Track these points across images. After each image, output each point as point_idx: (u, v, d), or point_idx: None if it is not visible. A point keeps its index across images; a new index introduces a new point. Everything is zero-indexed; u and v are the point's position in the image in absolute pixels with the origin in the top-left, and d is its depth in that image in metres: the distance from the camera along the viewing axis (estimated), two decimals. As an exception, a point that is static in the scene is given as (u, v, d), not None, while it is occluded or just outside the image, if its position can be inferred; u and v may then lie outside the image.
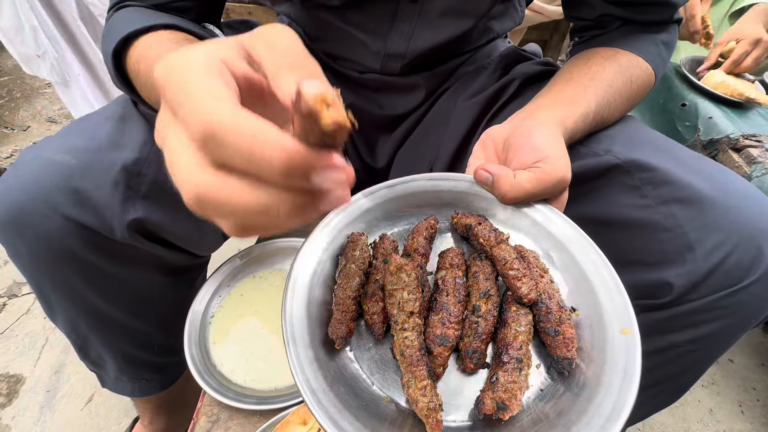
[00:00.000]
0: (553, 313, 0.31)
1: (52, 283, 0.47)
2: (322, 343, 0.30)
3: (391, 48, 0.56)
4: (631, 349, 0.28)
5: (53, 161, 0.40)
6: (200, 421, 0.47)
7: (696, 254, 0.39)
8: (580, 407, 0.27)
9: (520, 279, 0.32)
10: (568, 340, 0.30)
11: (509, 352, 0.29)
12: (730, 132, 0.86)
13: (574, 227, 0.36)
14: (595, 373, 0.29)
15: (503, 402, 0.27)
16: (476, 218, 0.36)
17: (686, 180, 0.40)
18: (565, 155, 0.37)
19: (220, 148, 0.17)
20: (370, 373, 0.31)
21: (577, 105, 0.43)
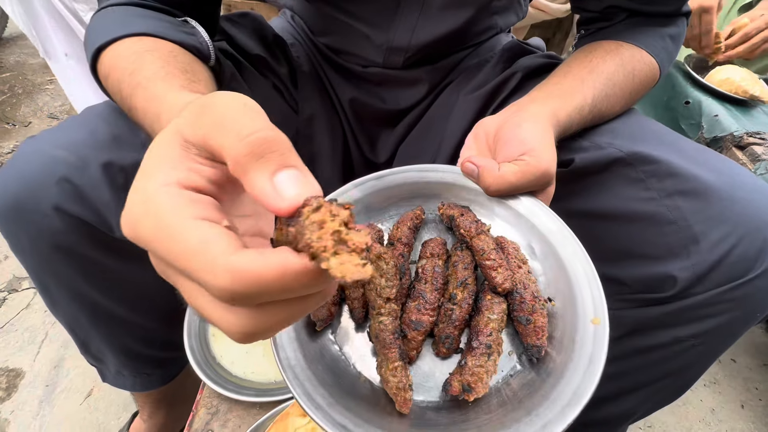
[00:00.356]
0: (526, 303, 0.32)
1: (54, 277, 0.47)
2: (304, 325, 0.32)
3: (394, 41, 0.56)
4: (599, 338, 0.29)
5: (52, 156, 0.40)
6: (199, 413, 0.47)
7: (701, 247, 0.38)
8: (544, 392, 0.29)
9: (496, 269, 0.33)
10: (539, 329, 0.31)
11: (479, 338, 0.31)
12: (734, 129, 0.85)
13: (556, 220, 0.36)
14: (563, 361, 0.30)
15: (469, 384, 0.29)
16: (459, 209, 0.37)
17: (691, 172, 0.40)
18: (550, 149, 0.37)
19: (250, 299, 0.16)
20: (349, 355, 0.33)
21: (571, 97, 0.43)
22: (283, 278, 0.16)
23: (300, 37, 0.65)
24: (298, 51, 0.63)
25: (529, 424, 0.27)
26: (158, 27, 0.40)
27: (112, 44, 0.38)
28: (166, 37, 0.39)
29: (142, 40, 0.38)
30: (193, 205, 0.17)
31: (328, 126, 0.64)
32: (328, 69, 0.64)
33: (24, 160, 0.41)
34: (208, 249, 0.16)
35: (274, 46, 0.60)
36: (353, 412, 0.27)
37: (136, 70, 0.34)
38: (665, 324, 0.43)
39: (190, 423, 0.47)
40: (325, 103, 0.64)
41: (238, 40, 0.57)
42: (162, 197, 0.17)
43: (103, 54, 0.38)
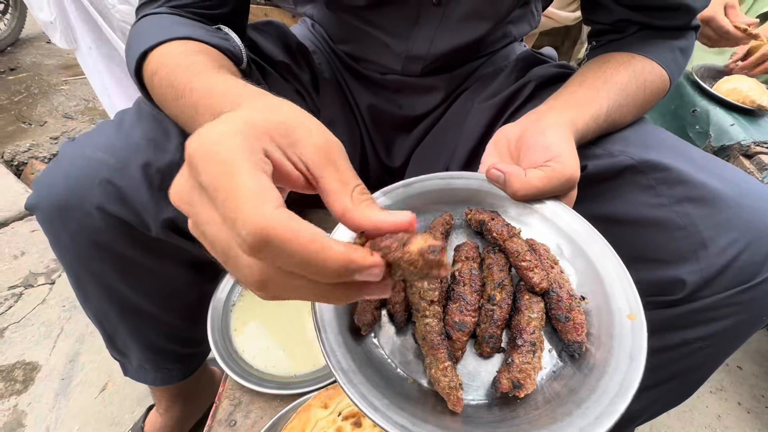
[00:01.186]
0: (563, 301, 0.33)
1: (90, 273, 0.49)
2: (349, 330, 0.32)
3: (413, 50, 0.58)
4: (638, 333, 0.30)
5: (93, 159, 0.42)
6: (222, 404, 0.49)
7: (709, 252, 0.40)
8: (589, 386, 0.29)
9: (532, 269, 0.34)
10: (578, 325, 0.32)
11: (523, 336, 0.31)
12: (742, 139, 0.87)
13: (582, 221, 0.38)
14: (603, 356, 0.31)
15: (518, 381, 0.29)
16: (489, 214, 0.38)
17: (700, 180, 0.41)
18: (574, 155, 0.39)
19: (275, 255, 0.18)
20: (394, 357, 0.33)
21: (588, 107, 0.44)
22: (309, 246, 0.18)
23: (321, 44, 0.67)
24: (320, 58, 0.65)
25: (581, 416, 0.27)
26: (199, 32, 0.42)
27: (158, 47, 0.40)
28: (207, 41, 0.42)
29: (188, 43, 0.40)
30: (263, 163, 0.20)
31: (347, 131, 0.66)
32: (348, 76, 0.66)
33: (68, 162, 0.43)
34: (263, 195, 0.18)
35: (297, 53, 0.62)
36: (408, 412, 0.28)
37: (191, 65, 0.36)
38: (674, 326, 0.44)
39: (213, 414, 0.49)
40: (345, 109, 0.66)
41: (263, 46, 0.59)
42: (239, 143, 0.20)
43: (149, 56, 0.40)
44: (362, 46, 0.62)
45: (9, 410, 0.91)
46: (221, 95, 0.31)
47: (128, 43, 0.44)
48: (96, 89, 1.34)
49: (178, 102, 0.35)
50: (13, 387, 0.95)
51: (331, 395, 0.44)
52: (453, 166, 0.63)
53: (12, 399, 0.93)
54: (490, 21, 0.57)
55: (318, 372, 0.51)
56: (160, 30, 0.41)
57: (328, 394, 0.44)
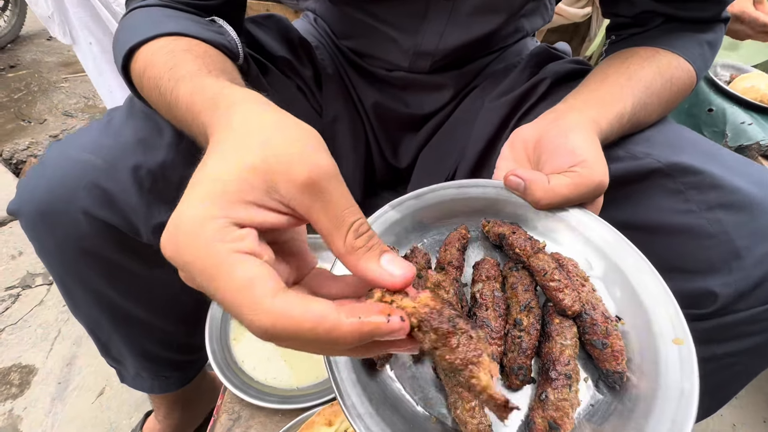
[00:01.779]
0: (598, 325, 0.29)
1: (78, 281, 0.47)
2: (363, 365, 0.29)
3: (422, 46, 0.55)
4: (687, 361, 0.27)
5: (79, 160, 0.40)
6: (221, 418, 0.46)
7: (745, 263, 0.37)
8: (636, 425, 0.26)
9: (562, 290, 0.30)
10: (617, 353, 0.28)
11: (557, 367, 0.28)
12: (761, 138, 0.84)
13: (613, 231, 0.34)
14: (649, 386, 0.27)
15: (555, 421, 0.26)
16: (509, 227, 0.35)
17: (734, 184, 0.38)
18: (602, 159, 0.36)
19: (287, 340, 0.19)
20: (413, 393, 0.30)
21: (612, 105, 0.41)
22: (317, 329, 0.18)
23: (323, 39, 0.65)
24: (323, 54, 0.63)
25: None
26: (190, 27, 0.39)
27: (145, 44, 0.37)
28: (198, 36, 0.39)
29: (177, 40, 0.37)
30: (241, 240, 0.19)
31: (350, 129, 0.63)
32: (352, 72, 0.63)
33: (53, 164, 0.41)
34: (253, 288, 0.18)
35: (299, 49, 0.60)
36: None
37: (176, 66, 0.33)
38: (703, 340, 0.41)
39: (211, 428, 0.46)
40: (348, 106, 0.64)
41: (263, 41, 0.56)
42: (212, 228, 0.19)
43: (137, 53, 0.37)
44: (368, 41, 0.59)
45: (4, 415, 0.89)
46: (198, 113, 0.28)
47: (116, 38, 0.41)
48: (96, 86, 1.32)
49: (169, 112, 0.34)
50: (9, 391, 0.93)
51: (335, 411, 0.41)
52: (463, 167, 0.60)
53: (8, 403, 0.91)
54: (502, 14, 0.54)
55: (321, 384, 0.49)
56: (148, 24, 0.39)
57: (332, 411, 0.41)
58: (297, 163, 0.21)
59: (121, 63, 0.38)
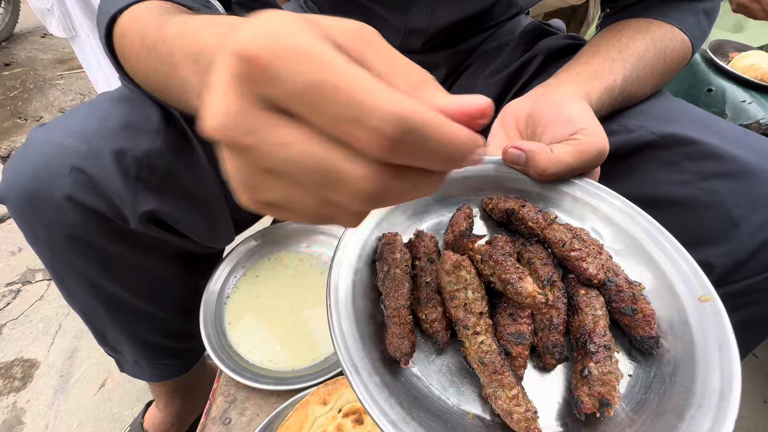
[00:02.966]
0: (624, 291, 0.28)
1: (69, 269, 0.46)
2: (383, 363, 0.27)
3: (412, 23, 0.54)
4: (718, 315, 0.26)
5: (62, 145, 0.39)
6: (217, 401, 0.46)
7: (741, 232, 0.36)
8: (683, 387, 0.25)
9: (584, 259, 0.29)
10: (649, 317, 0.27)
11: (594, 339, 0.27)
12: (761, 117, 0.82)
13: (618, 197, 0.34)
14: (685, 347, 0.26)
15: (604, 397, 0.24)
16: (516, 201, 0.34)
17: (730, 153, 0.38)
18: (600, 126, 0.35)
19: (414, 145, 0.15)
20: (443, 389, 0.28)
21: (602, 79, 0.41)
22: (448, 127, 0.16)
23: None
24: None
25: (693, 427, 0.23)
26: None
27: (129, 7, 0.34)
28: (184, 3, 0.36)
29: (163, 4, 0.35)
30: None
31: None
32: None
33: (34, 149, 0.40)
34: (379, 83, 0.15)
35: None
36: None
37: (163, 15, 0.31)
38: None
39: (207, 411, 0.46)
40: None
41: None
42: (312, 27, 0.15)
43: (120, 18, 0.35)
44: (358, 20, 0.58)
45: (8, 407, 0.90)
46: (196, 29, 0.24)
47: (99, 10, 0.39)
48: (94, 79, 1.31)
49: (149, 58, 0.30)
50: (12, 384, 0.94)
51: (330, 391, 0.41)
52: None
53: (11, 396, 0.92)
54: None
55: (316, 366, 0.48)
56: None
57: (327, 390, 0.41)
58: (346, 21, 0.18)
59: (104, 33, 0.36)
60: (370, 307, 0.30)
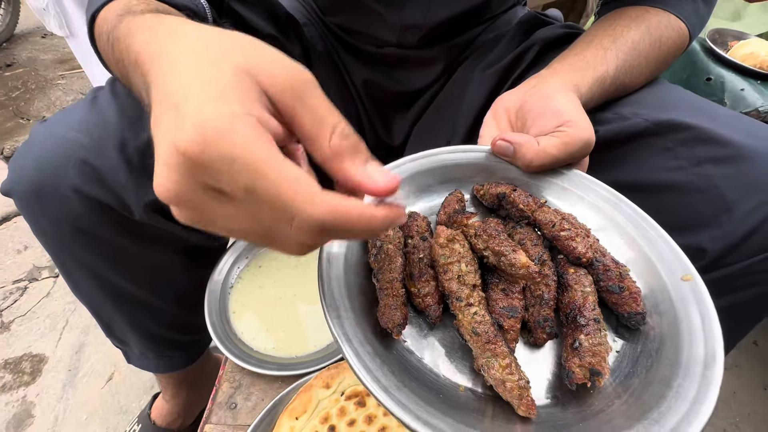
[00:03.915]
0: (611, 270, 0.29)
1: (76, 261, 0.47)
2: (375, 335, 0.27)
3: (408, 19, 0.54)
4: (700, 292, 0.28)
5: (66, 139, 0.39)
6: (222, 387, 0.47)
7: (733, 215, 0.37)
8: (669, 361, 0.26)
9: (573, 239, 0.30)
10: (635, 294, 0.28)
11: (584, 313, 0.28)
12: (759, 105, 0.82)
13: (603, 186, 0.35)
14: (670, 323, 0.28)
15: (595, 367, 0.25)
16: (507, 186, 0.35)
17: (725, 137, 0.38)
18: (586, 118, 0.36)
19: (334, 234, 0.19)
20: (434, 363, 0.28)
21: (593, 69, 0.41)
22: (361, 218, 0.19)
23: (310, 16, 0.63)
24: (311, 31, 0.62)
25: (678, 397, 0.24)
26: None
27: (104, 7, 0.34)
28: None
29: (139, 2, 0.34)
30: (273, 142, 0.18)
31: (341, 109, 0.62)
32: (341, 50, 0.63)
33: (38, 143, 0.40)
34: (306, 181, 0.18)
35: (286, 25, 0.59)
36: (479, 429, 0.23)
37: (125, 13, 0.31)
38: None
39: (213, 397, 0.48)
40: (340, 85, 0.63)
41: (248, 18, 0.55)
42: (245, 124, 0.17)
43: (97, 18, 0.35)
44: (354, 17, 0.58)
45: (18, 401, 0.91)
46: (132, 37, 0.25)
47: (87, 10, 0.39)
48: (92, 77, 1.31)
49: (112, 57, 0.30)
50: (22, 379, 0.96)
51: (333, 375, 0.42)
52: (455, 140, 0.60)
53: (21, 390, 0.93)
54: None
55: (319, 352, 0.49)
56: None
57: (330, 374, 0.42)
58: (281, 66, 0.20)
59: (89, 32, 0.37)
60: (362, 283, 0.30)
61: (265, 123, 0.19)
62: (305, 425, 0.40)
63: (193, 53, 0.20)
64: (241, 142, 0.17)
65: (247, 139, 0.17)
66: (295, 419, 0.40)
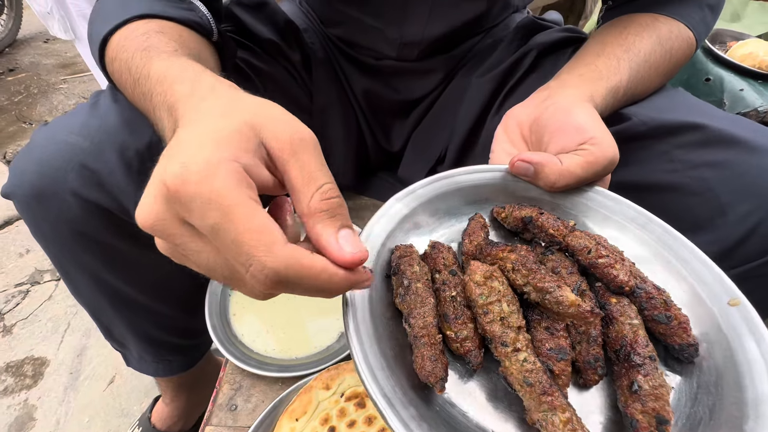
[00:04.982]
0: (655, 298, 0.27)
1: (75, 264, 0.47)
2: (415, 391, 0.24)
3: (407, 36, 0.54)
4: (752, 319, 0.26)
5: (67, 143, 0.40)
6: (223, 388, 0.48)
7: (728, 219, 0.36)
8: (733, 398, 0.24)
9: (613, 266, 0.27)
10: (684, 324, 0.26)
11: (638, 351, 0.25)
12: (759, 105, 0.83)
13: (629, 204, 0.33)
14: (724, 354, 0.25)
15: (659, 413, 0.23)
16: (532, 209, 0.32)
17: (722, 141, 0.37)
18: (609, 134, 0.35)
19: (288, 287, 0.20)
20: (480, 417, 0.25)
21: (607, 80, 0.40)
22: (321, 275, 0.20)
23: (311, 23, 0.64)
24: (312, 37, 0.62)
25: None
26: (156, 6, 0.38)
27: (117, 30, 0.36)
28: (168, 15, 0.38)
29: (149, 23, 0.37)
30: (252, 190, 0.20)
31: (342, 116, 0.63)
32: (341, 58, 0.63)
33: (39, 147, 0.40)
34: (271, 233, 0.19)
35: (286, 32, 0.59)
36: None
37: (150, 46, 0.33)
38: None
39: (214, 399, 0.48)
40: (339, 93, 0.63)
41: (249, 24, 0.55)
42: (227, 170, 0.19)
43: (109, 41, 0.37)
44: (353, 31, 0.59)
45: (20, 404, 0.92)
46: (170, 84, 0.28)
47: (90, 27, 0.40)
48: (101, 78, 1.32)
49: (135, 89, 0.33)
50: (23, 382, 0.96)
51: (332, 376, 0.42)
52: (452, 147, 0.60)
53: (22, 393, 0.93)
54: None
55: (319, 354, 0.50)
56: (117, 8, 0.38)
57: (329, 375, 0.42)
58: (284, 123, 0.22)
59: (98, 55, 0.38)
60: (390, 326, 0.27)
61: (253, 171, 0.20)
62: (305, 426, 0.40)
63: (215, 109, 0.23)
64: (218, 185, 0.19)
65: (225, 182, 0.19)
66: (295, 420, 0.40)
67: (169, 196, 0.19)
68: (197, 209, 0.19)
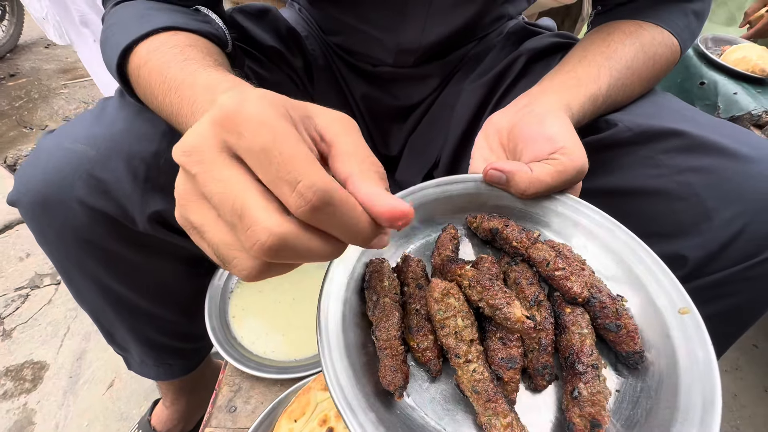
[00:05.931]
0: (608, 307, 0.29)
1: (79, 269, 0.47)
2: (377, 397, 0.26)
3: (404, 43, 0.55)
4: (698, 328, 0.27)
5: (73, 151, 0.40)
6: (222, 390, 0.48)
7: (713, 224, 0.37)
8: (667, 403, 0.25)
9: (568, 278, 0.29)
10: (633, 333, 0.28)
11: (582, 359, 0.27)
12: (752, 108, 0.84)
13: (598, 212, 0.34)
14: (668, 362, 0.27)
15: (595, 418, 0.25)
16: (500, 220, 0.34)
17: (707, 146, 0.38)
18: (580, 143, 0.36)
19: (328, 215, 0.19)
20: (438, 419, 0.27)
21: (585, 87, 0.41)
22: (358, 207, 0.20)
23: (312, 30, 0.65)
24: (313, 44, 0.63)
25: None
26: (179, 19, 0.39)
27: (142, 41, 0.37)
28: (190, 28, 0.39)
29: (175, 35, 0.37)
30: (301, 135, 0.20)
31: None
32: (341, 65, 0.64)
33: (45, 155, 0.41)
34: (314, 160, 0.19)
35: (289, 39, 0.60)
36: None
37: (188, 59, 0.34)
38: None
39: (213, 401, 0.48)
40: (340, 98, 0.64)
41: (252, 32, 0.56)
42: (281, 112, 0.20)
43: (133, 51, 0.37)
44: (351, 39, 0.59)
45: (19, 408, 0.92)
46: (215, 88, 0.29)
47: (105, 36, 0.40)
48: (100, 84, 1.32)
49: (167, 96, 0.33)
50: (23, 386, 0.96)
51: None
52: (446, 152, 0.61)
53: (22, 397, 0.94)
54: (479, 2, 0.53)
55: (317, 356, 0.50)
56: (138, 20, 0.38)
57: (327, 376, 0.43)
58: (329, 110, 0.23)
59: (115, 62, 0.38)
60: (361, 336, 0.29)
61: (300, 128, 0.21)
62: (304, 427, 0.40)
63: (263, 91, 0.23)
64: (272, 116, 0.19)
65: (278, 116, 0.19)
66: (294, 421, 0.40)
67: (223, 118, 0.19)
68: (250, 131, 0.19)
